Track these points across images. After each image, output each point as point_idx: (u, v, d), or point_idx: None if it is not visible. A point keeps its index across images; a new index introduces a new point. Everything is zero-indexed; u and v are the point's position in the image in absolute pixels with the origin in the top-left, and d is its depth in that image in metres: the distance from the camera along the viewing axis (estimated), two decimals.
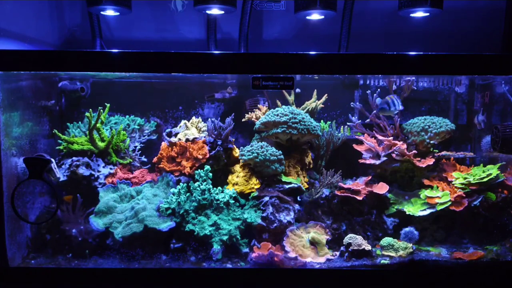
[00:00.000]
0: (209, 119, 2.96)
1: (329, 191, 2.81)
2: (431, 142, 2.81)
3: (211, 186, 2.67)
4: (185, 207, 2.62)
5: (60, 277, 2.47)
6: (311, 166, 2.97)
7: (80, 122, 3.00)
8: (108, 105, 2.87)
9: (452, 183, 2.74)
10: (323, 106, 3.07)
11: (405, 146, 2.81)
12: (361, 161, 2.88)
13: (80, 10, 3.09)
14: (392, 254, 2.54)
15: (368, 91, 2.89)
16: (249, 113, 3.06)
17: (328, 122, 3.14)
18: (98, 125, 2.79)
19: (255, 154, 2.70)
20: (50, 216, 2.61)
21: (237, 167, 2.84)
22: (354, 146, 2.95)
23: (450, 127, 2.82)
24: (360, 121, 2.95)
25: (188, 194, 2.66)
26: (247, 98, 3.16)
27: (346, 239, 2.58)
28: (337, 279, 2.46)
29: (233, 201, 2.68)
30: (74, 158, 2.75)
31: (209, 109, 3.26)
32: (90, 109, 2.76)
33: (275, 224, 2.61)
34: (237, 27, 2.92)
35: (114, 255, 2.57)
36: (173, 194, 2.66)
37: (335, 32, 2.95)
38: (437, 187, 2.76)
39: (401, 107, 2.73)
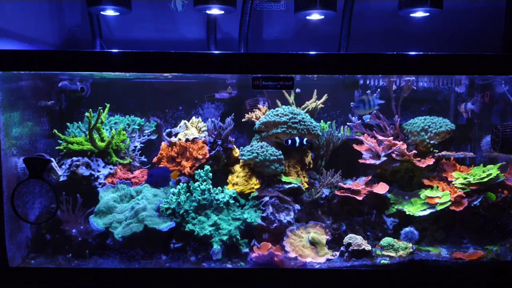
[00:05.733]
0: (209, 119, 2.96)
1: (329, 191, 2.81)
2: (431, 142, 2.81)
3: (211, 186, 2.67)
4: (185, 207, 2.62)
5: (60, 277, 2.47)
6: (311, 166, 2.97)
7: (80, 122, 3.00)
8: (108, 105, 2.87)
9: (452, 183, 2.74)
10: (323, 106, 3.07)
11: (405, 146, 2.81)
12: (361, 161, 2.88)
13: (80, 10, 3.09)
14: (392, 254, 2.55)
15: (368, 91, 2.89)
16: (249, 113, 3.06)
17: (328, 122, 3.14)
18: (98, 125, 2.79)
19: (255, 154, 2.70)
20: (50, 216, 2.61)
21: (237, 167, 2.84)
22: (354, 146, 2.95)
23: (450, 127, 2.82)
24: (360, 121, 2.95)
25: (188, 194, 2.66)
26: (247, 98, 3.16)
27: (346, 239, 2.58)
28: (337, 279, 2.46)
29: (233, 201, 2.68)
30: (74, 158, 2.75)
31: (209, 109, 3.26)
32: (90, 109, 2.76)
33: (275, 224, 2.61)
34: (237, 27, 2.92)
35: (114, 255, 2.57)
36: (173, 194, 2.66)
37: (335, 32, 2.95)
38: (437, 187, 2.76)
39: (376, 105, 2.77)
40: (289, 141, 2.66)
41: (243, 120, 3.06)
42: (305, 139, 2.69)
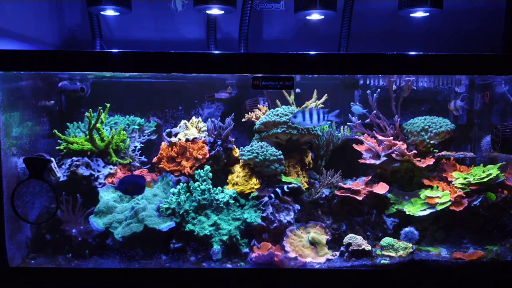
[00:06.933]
0: (209, 119, 2.96)
1: (329, 191, 2.81)
2: (431, 142, 2.81)
3: (211, 186, 2.67)
4: (185, 207, 2.62)
5: (60, 277, 2.47)
6: (311, 166, 2.97)
7: (80, 122, 3.00)
8: (108, 105, 2.87)
9: (452, 183, 2.74)
10: (323, 106, 3.07)
11: (405, 146, 2.81)
12: (361, 161, 2.88)
13: (80, 10, 3.09)
14: (392, 254, 2.55)
15: (368, 91, 2.89)
16: (249, 113, 3.06)
17: (328, 122, 3.14)
18: (98, 125, 2.79)
19: (255, 154, 2.70)
20: (50, 216, 2.61)
21: (237, 167, 2.84)
22: (354, 146, 2.95)
23: (450, 127, 2.82)
24: (360, 121, 2.95)
25: (188, 194, 2.66)
26: (247, 98, 3.16)
27: (346, 239, 2.58)
28: (337, 279, 2.46)
29: (233, 201, 2.68)
30: (74, 158, 2.75)
31: (209, 109, 3.26)
32: (90, 109, 2.76)
33: (275, 224, 2.61)
34: (237, 27, 2.92)
35: (114, 255, 2.57)
36: (173, 194, 2.66)
37: (335, 32, 2.95)
38: (437, 187, 2.76)
39: (323, 122, 2.56)
40: (272, 195, 2.57)
41: (243, 120, 3.06)
42: (285, 186, 2.60)
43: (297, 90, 3.10)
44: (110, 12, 2.80)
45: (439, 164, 2.91)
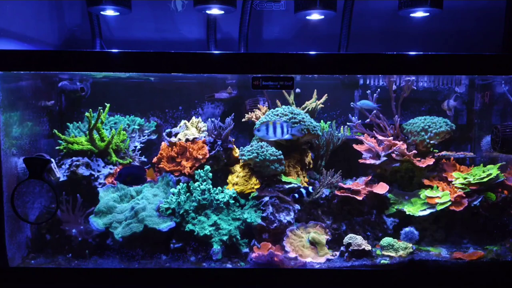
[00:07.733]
0: (209, 119, 2.96)
1: (329, 191, 2.81)
2: (431, 142, 2.81)
3: (211, 186, 2.67)
4: (185, 207, 2.62)
5: (60, 277, 2.47)
6: (311, 166, 2.97)
7: (80, 122, 3.00)
8: (108, 105, 2.87)
9: (452, 183, 2.74)
10: (323, 106, 3.07)
11: (405, 146, 2.81)
12: (361, 161, 2.88)
13: (80, 10, 3.09)
14: (392, 254, 2.55)
15: (368, 91, 2.89)
16: (249, 113, 3.06)
17: (328, 122, 3.14)
18: (98, 125, 2.79)
19: (255, 154, 2.70)
20: (50, 216, 2.61)
21: (237, 167, 2.84)
22: (354, 146, 2.95)
23: (450, 127, 2.82)
24: (360, 121, 2.95)
25: (188, 194, 2.66)
26: (247, 98, 3.16)
27: (346, 239, 2.58)
28: (337, 279, 2.46)
29: (233, 201, 2.68)
30: (74, 158, 2.75)
31: (209, 109, 3.26)
32: (90, 109, 2.76)
33: (275, 224, 2.61)
34: (237, 27, 2.92)
35: (114, 255, 2.57)
36: (173, 194, 2.66)
37: (335, 32, 2.95)
38: (437, 187, 2.76)
39: (286, 136, 2.59)
40: (296, 195, 2.60)
41: (243, 120, 3.06)
42: (310, 187, 2.63)
43: (297, 90, 3.10)
44: (110, 12, 2.80)
45: (439, 164, 2.91)
